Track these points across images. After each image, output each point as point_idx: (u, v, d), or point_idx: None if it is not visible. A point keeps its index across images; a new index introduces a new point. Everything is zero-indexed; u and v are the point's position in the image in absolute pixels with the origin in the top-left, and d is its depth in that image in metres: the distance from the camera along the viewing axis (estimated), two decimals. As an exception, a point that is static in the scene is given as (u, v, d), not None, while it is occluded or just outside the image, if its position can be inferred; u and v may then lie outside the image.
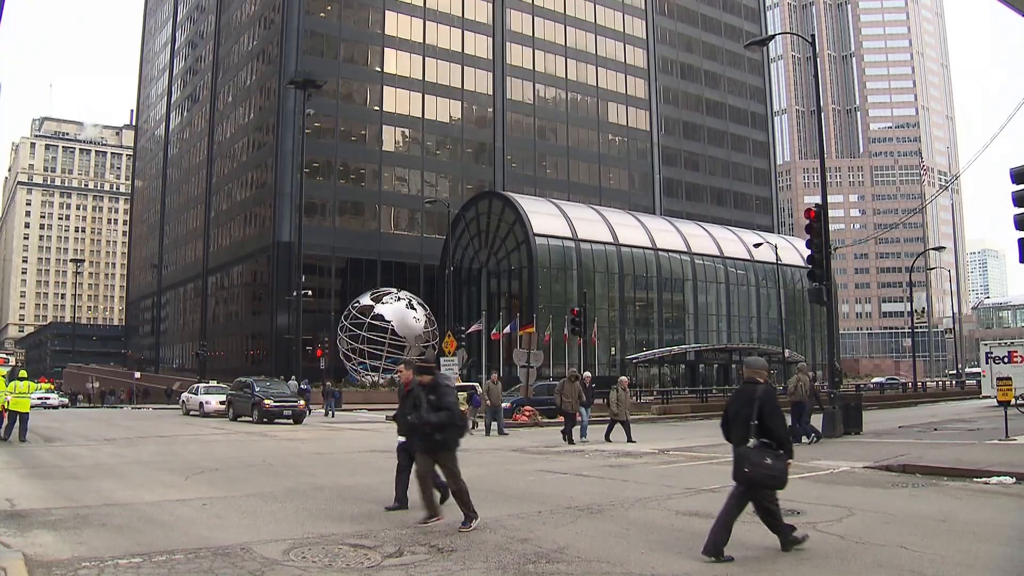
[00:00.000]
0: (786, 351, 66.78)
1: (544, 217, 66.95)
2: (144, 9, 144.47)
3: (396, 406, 12.74)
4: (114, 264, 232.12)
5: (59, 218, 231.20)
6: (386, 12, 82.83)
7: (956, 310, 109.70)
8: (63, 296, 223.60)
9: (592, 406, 28.16)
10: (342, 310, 66.43)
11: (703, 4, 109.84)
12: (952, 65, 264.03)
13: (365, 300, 64.06)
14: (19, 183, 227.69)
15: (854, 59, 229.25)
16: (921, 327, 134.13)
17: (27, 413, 25.20)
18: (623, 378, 28.83)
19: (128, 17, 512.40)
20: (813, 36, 33.07)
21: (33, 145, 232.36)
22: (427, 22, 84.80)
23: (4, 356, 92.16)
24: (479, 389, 33.19)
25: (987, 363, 43.82)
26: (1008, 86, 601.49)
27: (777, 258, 68.21)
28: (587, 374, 30.18)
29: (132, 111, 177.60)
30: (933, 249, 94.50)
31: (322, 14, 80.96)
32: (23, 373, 26.44)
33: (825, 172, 29.75)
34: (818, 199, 26.78)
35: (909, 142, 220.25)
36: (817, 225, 25.86)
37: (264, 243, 78.35)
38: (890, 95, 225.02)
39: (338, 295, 74.61)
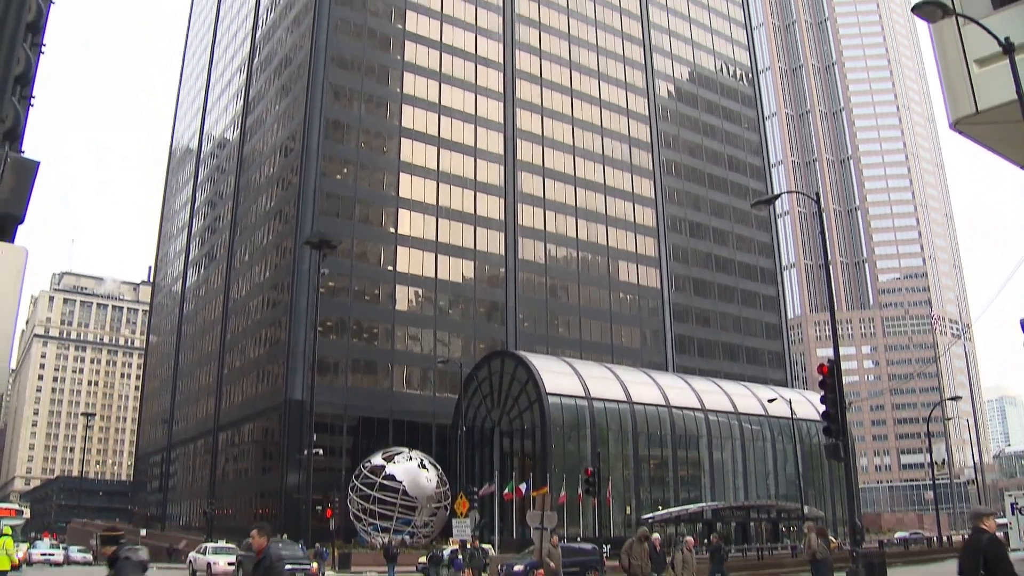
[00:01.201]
0: (805, 508, 65.62)
1: (557, 376, 66.99)
2: (167, 168, 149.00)
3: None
4: (124, 418, 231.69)
5: (73, 371, 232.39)
6: (400, 175, 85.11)
7: (977, 460, 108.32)
8: (72, 450, 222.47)
9: (666, 569, 26.05)
10: (353, 469, 65.80)
11: (709, 164, 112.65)
12: (955, 214, 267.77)
13: (376, 460, 63.51)
14: (35, 335, 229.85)
15: (859, 212, 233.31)
16: (942, 478, 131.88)
17: (6, 572, 24.31)
18: (688, 538, 28.00)
19: (153, 176, 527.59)
20: (818, 193, 33.72)
21: (51, 299, 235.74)
22: (440, 184, 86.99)
23: (15, 508, 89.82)
24: (460, 554, 32.30)
25: (1013, 514, 42.71)
26: (1009, 230, 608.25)
27: (792, 413, 67.82)
28: (656, 536, 27.97)
29: (150, 267, 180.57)
30: (950, 399, 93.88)
31: (338, 176, 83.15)
32: (7, 530, 25.67)
33: (836, 325, 29.85)
34: (831, 352, 26.77)
35: (918, 292, 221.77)
36: (830, 380, 25.77)
37: (276, 400, 78.28)
38: (897, 247, 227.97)
39: (349, 454, 73.99)
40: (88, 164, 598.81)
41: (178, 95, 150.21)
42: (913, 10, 18.55)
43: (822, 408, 26.10)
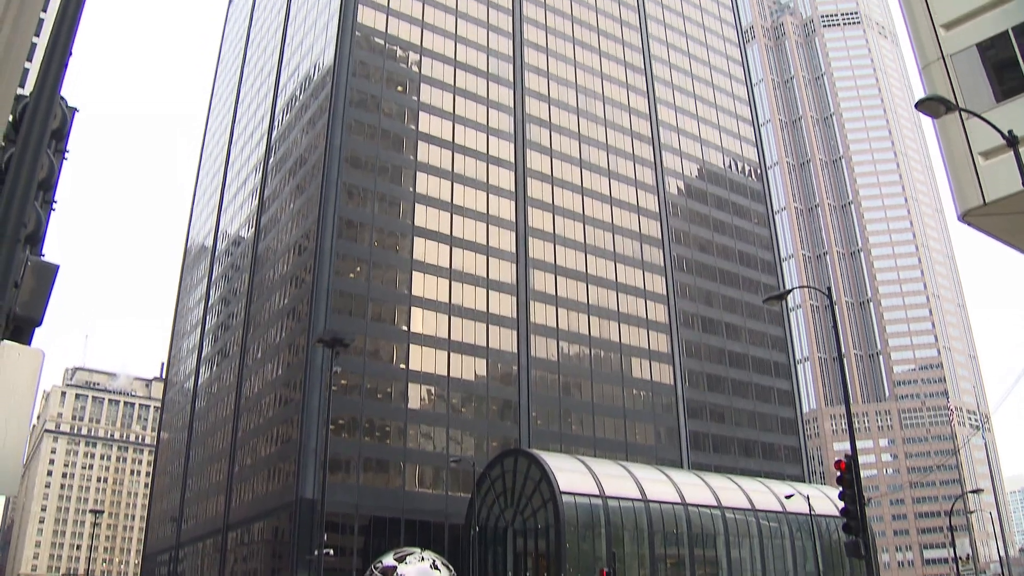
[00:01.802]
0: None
1: (570, 474, 66.25)
2: (182, 265, 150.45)
3: None
4: (133, 516, 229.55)
5: (82, 467, 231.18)
6: (413, 273, 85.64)
7: (1003, 553, 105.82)
8: (79, 547, 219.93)
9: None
10: (364, 569, 64.69)
11: (720, 259, 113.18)
12: (968, 303, 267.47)
13: (388, 560, 62.41)
14: (46, 431, 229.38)
15: (872, 305, 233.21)
16: (967, 574, 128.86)
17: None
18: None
19: (168, 273, 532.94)
20: (829, 288, 33.75)
21: (64, 394, 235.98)
22: (452, 282, 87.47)
23: None
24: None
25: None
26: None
27: (810, 509, 66.76)
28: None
29: (163, 364, 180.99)
30: (972, 492, 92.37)
31: (351, 275, 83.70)
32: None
33: (852, 419, 29.55)
34: (848, 446, 26.50)
35: (934, 383, 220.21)
36: (848, 476, 25.43)
37: (287, 499, 77.41)
38: (911, 338, 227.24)
39: (360, 554, 72.86)
40: (104, 260, 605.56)
41: (194, 194, 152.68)
42: (917, 106, 18.86)
43: (841, 504, 25.72)
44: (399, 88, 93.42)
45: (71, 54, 7.71)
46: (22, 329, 8.89)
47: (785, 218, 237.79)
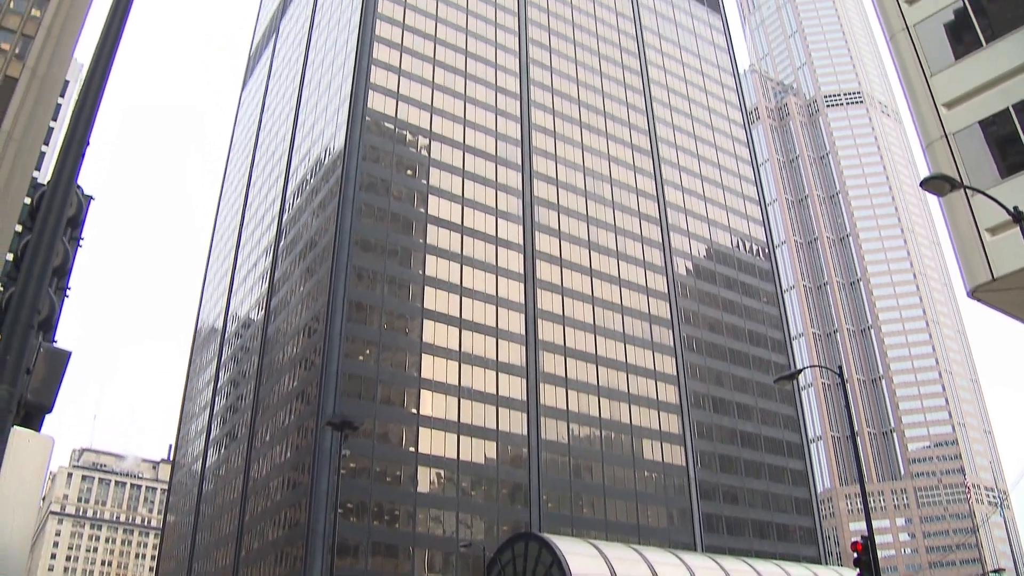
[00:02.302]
0: None
1: (582, 558, 65.12)
2: (191, 347, 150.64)
3: None
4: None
5: (87, 550, 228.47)
6: (422, 355, 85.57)
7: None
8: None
9: None
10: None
11: (730, 339, 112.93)
12: (981, 378, 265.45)
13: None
14: (51, 512, 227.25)
15: (884, 382, 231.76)
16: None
17: None
18: None
19: (178, 354, 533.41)
20: (840, 366, 33.57)
21: (70, 475, 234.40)
22: (462, 364, 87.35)
23: None
24: None
25: None
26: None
27: (828, 596, 65.32)
28: None
29: (170, 446, 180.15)
30: (993, 572, 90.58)
31: (361, 357, 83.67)
32: None
33: (867, 498, 29.18)
34: (864, 526, 26.10)
35: (950, 460, 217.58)
36: (866, 557, 25.01)
37: (295, 586, 76.27)
38: (924, 415, 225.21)
39: (369, 643, 71.46)
40: (114, 341, 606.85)
41: (205, 276, 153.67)
42: (922, 185, 19.01)
43: (859, 586, 25.25)
44: (408, 172, 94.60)
45: (88, 144, 7.87)
46: (33, 415, 8.90)
47: (794, 296, 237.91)
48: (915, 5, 30.85)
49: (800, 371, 36.88)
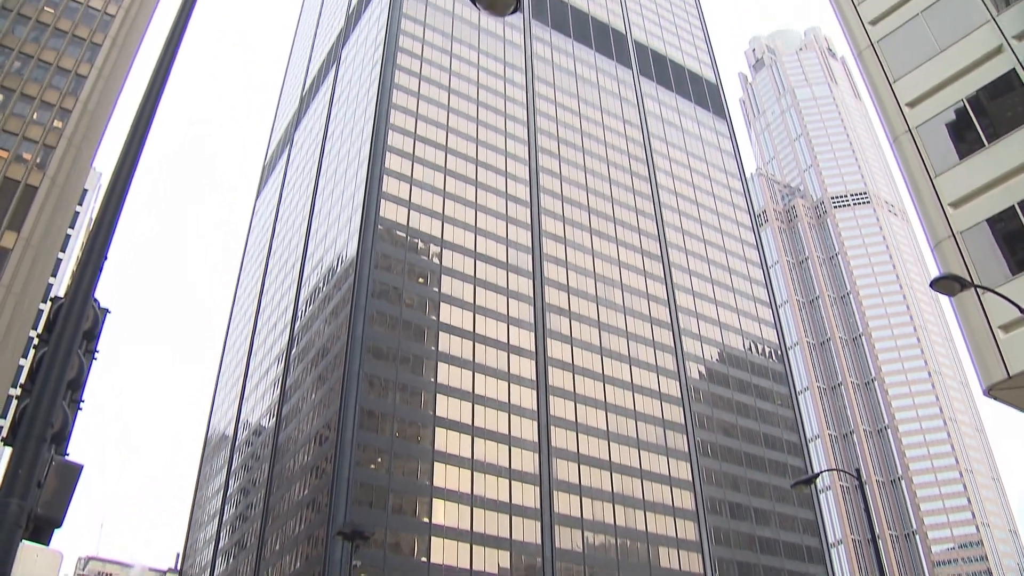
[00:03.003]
0: None
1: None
2: (201, 454, 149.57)
3: None
4: None
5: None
6: (435, 464, 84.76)
7: None
8: None
9: None
10: None
11: (746, 443, 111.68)
12: (1003, 475, 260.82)
13: None
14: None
15: (903, 483, 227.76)
16: None
17: None
18: None
19: (187, 462, 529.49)
20: (858, 469, 33.04)
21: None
22: (475, 472, 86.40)
23: None
24: None
25: None
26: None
27: None
28: None
29: (178, 555, 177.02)
30: None
31: (372, 466, 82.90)
32: None
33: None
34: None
35: (975, 562, 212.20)
36: None
37: None
38: (947, 515, 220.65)
39: None
40: (122, 448, 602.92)
41: (216, 383, 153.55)
42: (931, 285, 19.03)
43: None
44: (420, 280, 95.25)
45: (106, 258, 8.01)
46: (42, 529, 8.81)
47: (809, 398, 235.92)
48: (916, 108, 31.42)
49: (817, 475, 36.31)
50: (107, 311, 9.66)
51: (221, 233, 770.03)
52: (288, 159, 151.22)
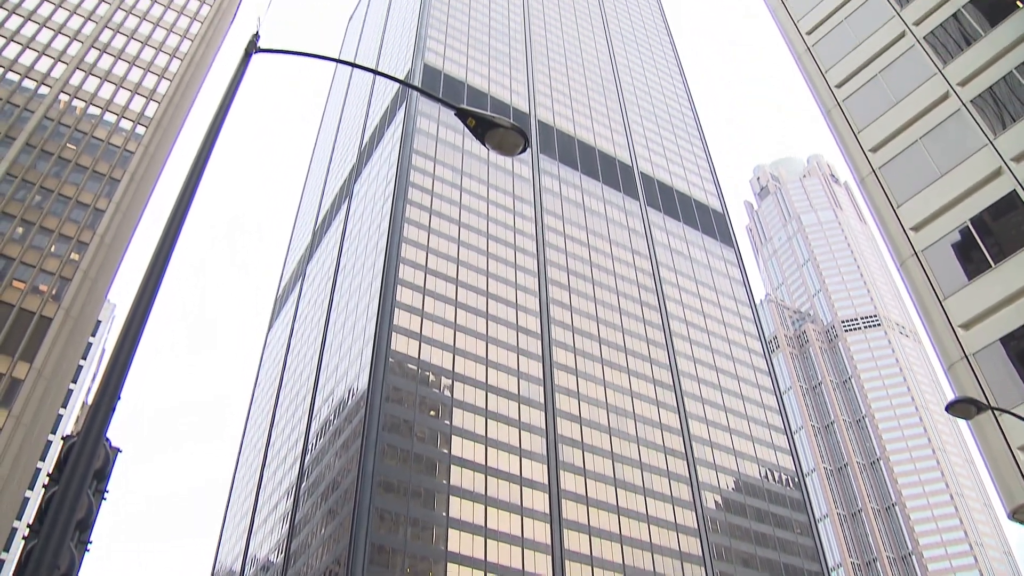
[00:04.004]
0: None
1: None
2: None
3: None
4: None
5: None
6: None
7: None
8: None
9: None
10: None
11: (766, 574, 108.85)
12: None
13: None
14: None
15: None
16: None
17: None
18: None
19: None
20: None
21: None
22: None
23: None
24: None
25: None
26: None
27: None
28: None
29: None
30: None
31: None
32: None
33: None
34: None
35: None
36: None
37: None
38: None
39: None
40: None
41: (224, 518, 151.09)
42: (947, 409, 18.85)
43: None
44: (432, 412, 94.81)
45: (119, 398, 8.03)
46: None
47: (829, 526, 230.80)
48: (921, 232, 31.76)
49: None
50: (118, 450, 9.65)
51: (232, 366, 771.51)
52: (300, 292, 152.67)
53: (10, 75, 76.67)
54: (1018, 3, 32.55)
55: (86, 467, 8.05)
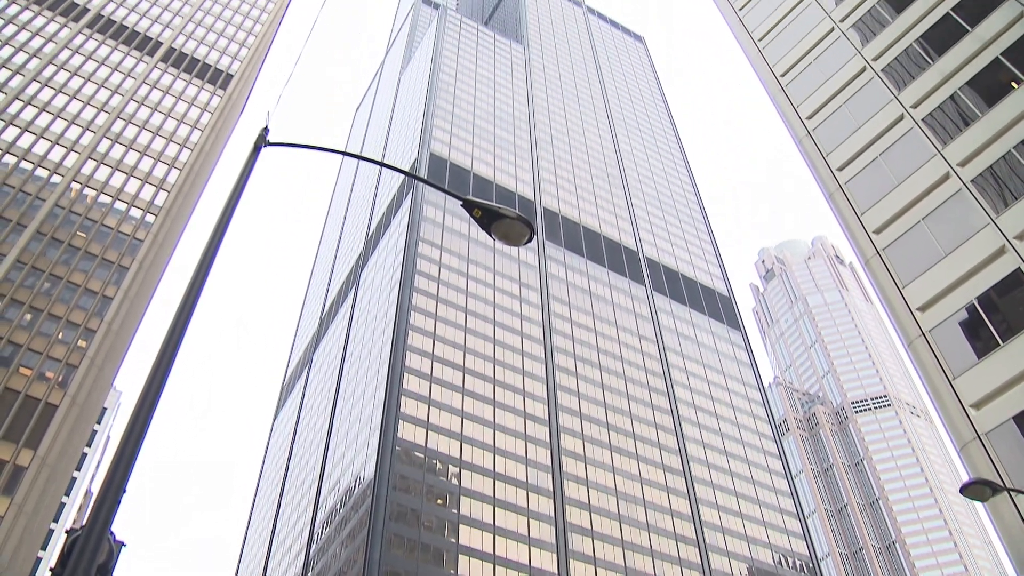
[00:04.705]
0: None
1: None
2: None
3: None
4: None
5: None
6: None
7: None
8: None
9: None
10: None
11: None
12: None
13: None
14: None
15: None
16: None
17: None
18: None
19: None
20: None
21: None
22: None
23: None
24: None
25: None
26: None
27: None
28: None
29: None
30: None
31: None
32: None
33: None
34: None
35: None
36: None
37: None
38: None
39: None
40: None
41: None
42: (961, 492, 18.58)
43: None
44: (439, 501, 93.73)
45: (125, 491, 7.97)
46: None
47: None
48: (927, 312, 31.75)
49: None
50: (123, 544, 9.52)
51: (237, 455, 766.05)
52: (307, 380, 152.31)
53: (24, 164, 77.96)
54: (1013, 84, 33.07)
55: (89, 562, 7.95)
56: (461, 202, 10.97)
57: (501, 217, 10.90)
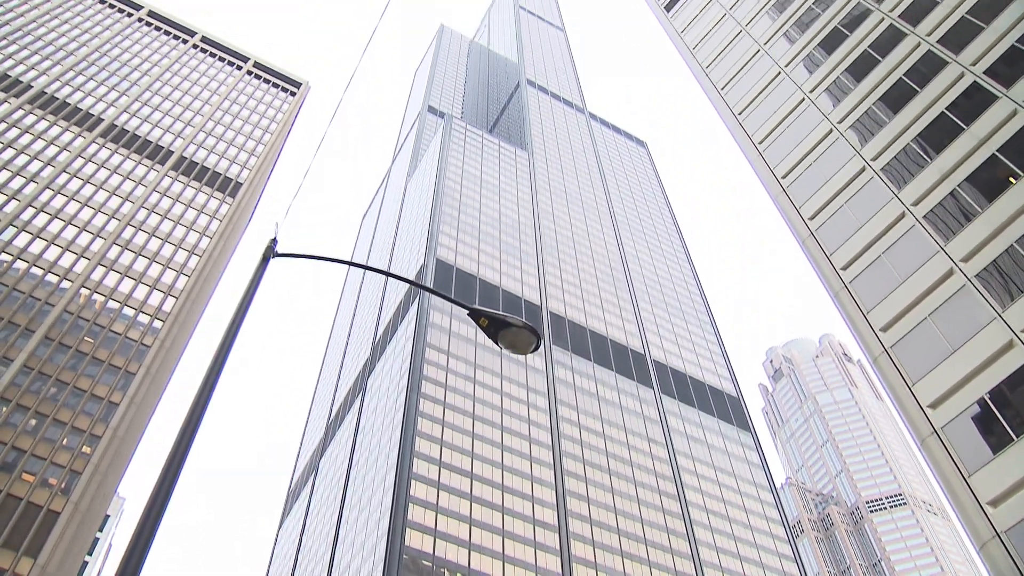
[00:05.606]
0: None
1: None
2: None
3: None
4: None
5: None
6: None
7: None
8: None
9: None
10: None
11: None
12: None
13: None
14: None
15: None
16: None
17: None
18: None
19: None
20: None
21: None
22: None
23: None
24: None
25: None
26: None
27: None
28: None
29: None
30: None
31: None
32: None
33: None
34: None
35: None
36: None
37: None
38: None
39: None
40: None
41: None
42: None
43: None
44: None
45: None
46: None
47: None
48: (939, 409, 31.51)
49: None
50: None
51: (242, 563, 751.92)
52: (313, 487, 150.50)
53: (34, 269, 78.68)
54: (1011, 179, 33.49)
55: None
56: (468, 312, 10.95)
57: (508, 326, 10.80)
